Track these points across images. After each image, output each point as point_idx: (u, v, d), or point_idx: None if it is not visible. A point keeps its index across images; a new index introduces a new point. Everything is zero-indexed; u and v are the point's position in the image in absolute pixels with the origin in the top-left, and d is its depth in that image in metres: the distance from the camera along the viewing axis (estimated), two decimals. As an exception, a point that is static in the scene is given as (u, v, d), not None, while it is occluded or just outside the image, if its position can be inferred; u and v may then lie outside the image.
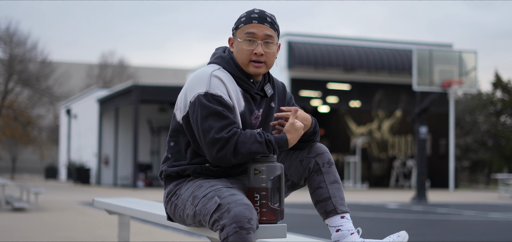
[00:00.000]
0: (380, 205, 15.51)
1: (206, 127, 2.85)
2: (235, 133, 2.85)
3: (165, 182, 3.12)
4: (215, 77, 2.95)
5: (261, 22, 3.01)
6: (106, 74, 51.79)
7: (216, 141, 2.83)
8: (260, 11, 3.04)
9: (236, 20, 3.09)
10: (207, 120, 2.86)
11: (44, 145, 46.20)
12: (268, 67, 3.04)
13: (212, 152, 2.85)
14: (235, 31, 3.06)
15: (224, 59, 3.06)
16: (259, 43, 3.00)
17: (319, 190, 3.04)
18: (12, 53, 36.52)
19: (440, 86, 18.40)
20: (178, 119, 3.04)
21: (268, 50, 3.01)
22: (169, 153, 3.07)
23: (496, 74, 35.14)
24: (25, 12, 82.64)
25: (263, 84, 3.09)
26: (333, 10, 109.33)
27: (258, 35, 3.00)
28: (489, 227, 10.10)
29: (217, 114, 2.86)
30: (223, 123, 2.85)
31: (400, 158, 29.06)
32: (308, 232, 8.42)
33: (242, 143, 2.84)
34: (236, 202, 2.70)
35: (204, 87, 2.91)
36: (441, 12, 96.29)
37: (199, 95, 2.90)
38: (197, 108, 2.89)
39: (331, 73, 26.36)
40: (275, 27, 3.04)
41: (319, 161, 3.05)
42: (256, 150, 2.85)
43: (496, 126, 34.67)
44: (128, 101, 26.42)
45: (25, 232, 8.02)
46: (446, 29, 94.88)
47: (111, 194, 19.33)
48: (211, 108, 2.87)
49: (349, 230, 2.99)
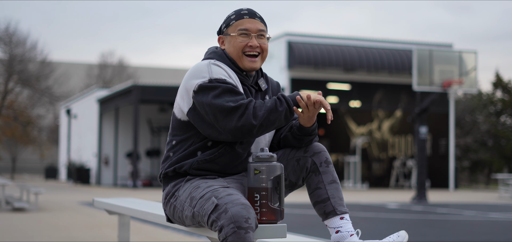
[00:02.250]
0: (380, 205, 15.51)
1: (221, 101, 2.86)
2: (251, 100, 2.88)
3: (163, 183, 3.12)
4: (215, 65, 2.98)
5: (252, 17, 3.07)
6: (106, 74, 51.80)
7: (235, 109, 2.84)
8: (249, 9, 3.10)
9: (224, 20, 3.12)
10: (220, 96, 2.87)
11: (44, 145, 46.20)
12: (262, 60, 3.08)
13: (232, 121, 2.84)
14: (226, 29, 3.09)
15: (217, 53, 3.09)
16: (253, 36, 3.04)
17: (318, 190, 3.03)
18: (11, 53, 36.52)
19: (440, 86, 18.39)
20: (179, 117, 3.04)
21: (262, 43, 3.06)
22: (171, 151, 3.07)
23: (497, 74, 35.16)
24: (25, 12, 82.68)
25: (256, 79, 3.13)
26: (312, 14, 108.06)
27: (251, 29, 3.05)
28: (489, 227, 10.10)
29: (229, 91, 2.89)
30: (237, 96, 2.88)
31: (400, 158, 29.06)
32: (308, 232, 8.42)
33: (259, 106, 2.87)
34: (233, 202, 2.70)
35: (207, 75, 2.93)
36: (421, 14, 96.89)
37: (203, 82, 2.91)
38: (204, 93, 2.90)
39: (331, 73, 26.36)
40: (265, 23, 3.11)
41: (316, 160, 3.04)
42: (272, 107, 2.86)
43: (496, 126, 34.67)
44: (128, 101, 26.41)
45: (25, 232, 8.02)
46: (426, 32, 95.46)
47: (111, 194, 19.33)
48: (222, 87, 2.89)
49: (349, 231, 2.98)
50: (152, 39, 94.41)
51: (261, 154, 2.87)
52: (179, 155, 3.03)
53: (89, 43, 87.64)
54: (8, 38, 36.54)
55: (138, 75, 53.40)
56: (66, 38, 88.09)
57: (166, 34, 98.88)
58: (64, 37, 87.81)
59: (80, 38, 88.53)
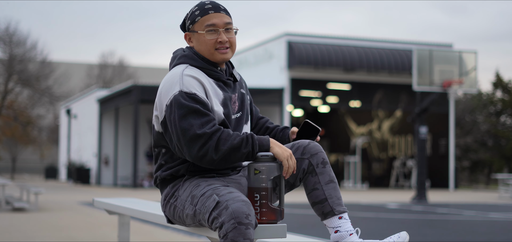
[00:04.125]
0: (380, 205, 15.51)
1: (186, 125, 2.83)
2: (218, 130, 2.84)
3: (161, 187, 3.11)
4: (187, 75, 2.95)
5: (217, 11, 3.04)
6: (106, 74, 51.79)
7: (198, 137, 2.81)
8: (212, 1, 3.07)
9: (189, 16, 3.08)
10: (186, 118, 2.84)
11: (44, 145, 46.21)
12: (233, 52, 3.08)
13: (194, 150, 2.82)
14: (192, 26, 3.06)
15: (187, 56, 3.06)
16: (221, 31, 3.02)
17: (315, 191, 3.01)
18: (12, 53, 36.53)
19: (440, 86, 18.39)
20: (157, 129, 3.03)
21: (230, 36, 3.05)
22: (162, 160, 3.07)
23: (497, 74, 35.16)
24: (24, 12, 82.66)
25: (229, 70, 3.14)
26: (308, 15, 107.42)
27: (218, 24, 3.02)
28: (489, 227, 10.10)
29: (195, 112, 2.85)
30: (203, 120, 2.84)
31: (400, 158, 29.06)
32: (308, 232, 8.42)
33: (224, 139, 2.83)
34: (234, 199, 2.70)
35: (177, 86, 2.90)
36: (417, 15, 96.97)
37: (174, 95, 2.89)
38: (173, 109, 2.87)
39: (331, 73, 26.36)
40: (230, 14, 3.09)
41: (313, 161, 3.01)
42: (237, 145, 2.82)
43: (496, 126, 34.67)
44: (128, 101, 26.41)
45: (25, 232, 8.02)
46: (423, 34, 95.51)
47: (111, 194, 19.33)
48: (189, 106, 2.85)
49: (348, 230, 2.97)
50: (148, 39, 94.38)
51: (261, 154, 2.87)
52: (172, 163, 3.04)
53: (86, 44, 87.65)
54: (8, 38, 36.55)
55: (138, 75, 53.38)
56: (65, 39, 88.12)
57: (162, 35, 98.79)
58: (62, 38, 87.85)
59: (78, 38, 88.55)
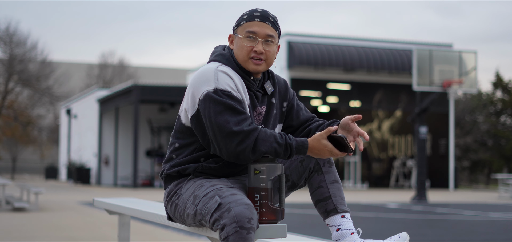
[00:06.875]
0: (380, 205, 15.51)
1: (222, 121, 2.81)
2: (255, 129, 2.83)
3: (165, 182, 3.11)
4: (222, 72, 2.93)
5: (263, 20, 2.99)
6: (106, 74, 51.79)
7: (235, 134, 2.80)
8: (263, 11, 3.02)
9: (237, 18, 3.07)
10: (222, 114, 2.82)
11: (44, 145, 46.21)
12: (267, 65, 3.02)
13: (231, 146, 2.81)
14: (237, 28, 3.04)
15: (224, 56, 3.04)
16: (259, 41, 2.98)
17: (320, 189, 3.04)
18: (12, 53, 36.53)
19: (440, 86, 18.39)
20: (183, 121, 3.01)
21: (268, 49, 2.99)
22: (174, 153, 3.06)
23: (497, 74, 35.15)
24: (25, 12, 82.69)
25: (263, 82, 3.08)
26: (301, 16, 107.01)
27: (259, 34, 2.98)
28: (489, 227, 10.10)
29: (231, 109, 2.83)
30: (239, 117, 2.83)
31: (400, 158, 29.06)
32: (308, 232, 8.42)
33: (262, 140, 2.81)
34: (236, 202, 2.70)
35: (212, 83, 2.88)
36: (411, 17, 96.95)
37: (209, 92, 2.87)
38: (208, 104, 2.85)
39: (331, 73, 26.36)
40: (276, 27, 3.03)
41: (319, 161, 3.05)
42: (275, 151, 2.82)
43: (496, 126, 34.67)
44: (128, 101, 26.42)
45: (25, 232, 8.02)
46: (417, 35, 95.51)
47: (111, 194, 19.33)
48: (225, 103, 2.83)
49: (349, 229, 2.99)
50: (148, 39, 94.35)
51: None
52: (181, 159, 3.02)
53: (87, 44, 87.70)
54: (8, 38, 36.56)
55: (138, 75, 53.39)
56: (65, 40, 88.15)
57: (159, 36, 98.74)
58: (63, 39, 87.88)
59: (78, 39, 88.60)
